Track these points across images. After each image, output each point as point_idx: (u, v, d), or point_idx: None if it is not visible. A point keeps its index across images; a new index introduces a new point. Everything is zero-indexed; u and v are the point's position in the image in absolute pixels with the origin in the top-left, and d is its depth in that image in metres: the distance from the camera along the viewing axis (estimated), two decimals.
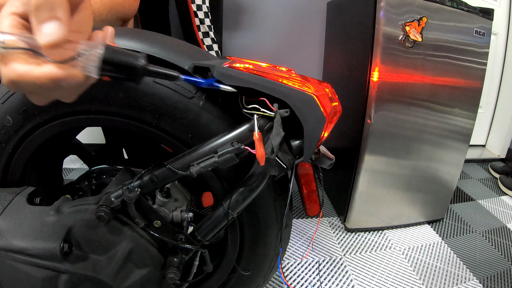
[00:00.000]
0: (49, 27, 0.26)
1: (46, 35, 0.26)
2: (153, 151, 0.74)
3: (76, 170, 1.50)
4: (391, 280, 1.01)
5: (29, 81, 0.27)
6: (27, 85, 0.28)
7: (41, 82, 0.27)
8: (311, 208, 0.56)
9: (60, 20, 0.26)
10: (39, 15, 0.26)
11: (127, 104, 0.47)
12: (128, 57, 0.31)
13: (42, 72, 0.27)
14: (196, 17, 1.09)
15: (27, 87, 0.28)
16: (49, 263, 0.46)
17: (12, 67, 0.27)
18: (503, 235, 1.31)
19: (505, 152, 2.09)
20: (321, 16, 1.60)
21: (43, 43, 0.26)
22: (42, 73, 0.27)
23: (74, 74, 0.29)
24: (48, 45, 0.27)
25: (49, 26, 0.26)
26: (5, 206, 0.48)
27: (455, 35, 1.08)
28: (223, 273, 0.62)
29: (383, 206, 1.24)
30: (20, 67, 0.27)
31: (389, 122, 1.10)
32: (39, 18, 0.26)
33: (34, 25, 0.26)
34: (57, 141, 0.60)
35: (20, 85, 0.28)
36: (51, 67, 0.28)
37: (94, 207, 0.46)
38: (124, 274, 0.48)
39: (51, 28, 0.26)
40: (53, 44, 0.27)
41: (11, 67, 0.27)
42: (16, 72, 0.27)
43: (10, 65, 0.27)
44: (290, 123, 0.42)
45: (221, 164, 0.43)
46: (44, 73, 0.27)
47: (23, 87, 0.28)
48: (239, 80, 0.40)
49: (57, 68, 0.28)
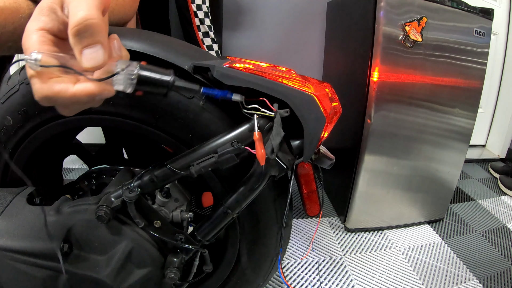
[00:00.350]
0: (92, 52, 0.27)
1: (89, 59, 0.27)
2: (153, 151, 0.74)
3: (76, 170, 1.50)
4: (391, 280, 1.01)
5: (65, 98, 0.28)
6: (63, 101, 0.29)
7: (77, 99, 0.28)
8: (311, 208, 0.56)
9: (102, 44, 0.27)
10: (82, 40, 0.26)
11: (127, 104, 0.47)
12: (160, 74, 0.34)
13: (78, 89, 0.28)
14: (196, 17, 1.09)
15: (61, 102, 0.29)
16: (49, 263, 0.46)
17: (49, 85, 0.28)
18: (503, 235, 1.31)
19: (505, 152, 2.09)
20: (321, 16, 1.60)
21: (87, 67, 0.27)
22: (78, 90, 0.28)
23: (108, 89, 0.30)
24: (92, 69, 0.28)
25: (92, 51, 0.27)
26: (5, 206, 0.48)
27: (455, 35, 1.08)
28: (223, 273, 0.62)
29: (383, 206, 1.24)
30: (57, 85, 0.28)
31: (389, 122, 1.10)
32: (82, 43, 0.27)
33: (76, 48, 0.27)
34: (57, 141, 0.60)
35: (55, 101, 0.29)
36: (87, 85, 0.28)
37: (94, 207, 0.46)
38: (124, 274, 0.48)
39: (94, 52, 0.27)
40: (96, 68, 0.28)
41: (47, 84, 0.28)
42: (53, 90, 0.28)
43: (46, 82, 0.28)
44: (290, 123, 0.42)
45: (221, 164, 0.43)
46: (80, 90, 0.28)
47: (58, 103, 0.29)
48: (239, 80, 0.40)
49: (93, 85, 0.29)
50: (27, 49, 0.28)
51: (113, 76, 0.29)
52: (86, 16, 0.26)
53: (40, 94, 0.28)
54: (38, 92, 0.28)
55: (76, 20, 0.26)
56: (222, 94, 0.38)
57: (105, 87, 0.30)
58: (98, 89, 0.29)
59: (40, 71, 0.27)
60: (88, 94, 0.29)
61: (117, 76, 0.30)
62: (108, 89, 0.30)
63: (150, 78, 0.33)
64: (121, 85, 0.31)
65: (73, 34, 0.26)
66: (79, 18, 0.26)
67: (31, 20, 0.30)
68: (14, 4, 0.39)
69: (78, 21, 0.26)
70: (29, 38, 0.28)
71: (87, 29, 0.26)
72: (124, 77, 0.30)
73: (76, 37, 0.26)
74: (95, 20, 0.26)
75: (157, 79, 0.34)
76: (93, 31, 0.27)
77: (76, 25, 0.26)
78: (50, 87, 0.28)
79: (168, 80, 0.34)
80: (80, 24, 0.26)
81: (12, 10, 0.38)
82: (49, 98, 0.28)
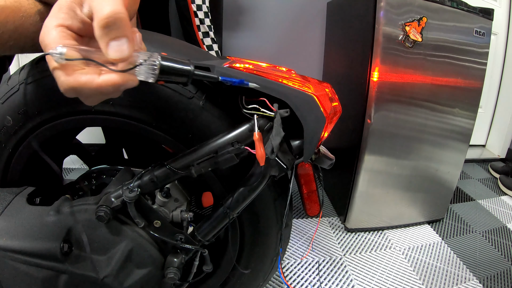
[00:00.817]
0: (118, 44, 0.29)
1: (116, 51, 0.29)
2: (153, 151, 0.74)
3: (76, 170, 1.50)
4: (391, 280, 1.01)
5: (91, 88, 0.30)
6: (88, 92, 0.30)
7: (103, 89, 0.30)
8: (311, 208, 0.56)
9: (128, 38, 0.29)
10: (109, 32, 0.28)
11: (127, 104, 0.47)
12: (181, 64, 0.35)
13: (104, 80, 0.30)
14: (196, 17, 1.09)
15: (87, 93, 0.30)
16: (49, 263, 0.46)
17: (75, 76, 0.29)
18: (503, 235, 1.31)
19: (505, 152, 2.09)
20: (321, 16, 1.60)
21: (113, 58, 0.29)
22: (104, 81, 0.30)
23: (133, 80, 0.31)
24: (118, 60, 0.29)
25: (118, 43, 0.28)
26: (5, 206, 0.48)
27: (455, 35, 1.08)
28: (223, 273, 0.62)
29: (383, 206, 1.24)
30: (83, 77, 0.29)
31: (389, 122, 1.10)
32: (109, 35, 0.28)
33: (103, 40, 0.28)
34: (57, 141, 0.60)
35: (81, 92, 0.30)
36: (112, 75, 0.30)
37: (94, 207, 0.46)
38: (124, 274, 0.48)
39: (121, 45, 0.29)
40: (122, 59, 0.29)
41: (73, 76, 0.29)
42: (79, 81, 0.29)
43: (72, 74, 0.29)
44: (290, 123, 0.42)
45: (221, 164, 0.43)
46: (106, 81, 0.30)
47: (83, 93, 0.30)
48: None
49: (118, 76, 0.30)
50: (47, 45, 0.29)
51: (136, 67, 0.31)
52: (115, 10, 0.27)
53: (66, 85, 0.29)
54: (64, 84, 0.29)
55: (106, 13, 0.27)
56: (239, 82, 0.39)
57: (129, 77, 0.31)
58: (123, 79, 0.30)
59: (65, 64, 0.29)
60: (114, 85, 0.30)
61: (140, 67, 0.31)
62: (132, 79, 0.31)
63: (172, 68, 0.34)
64: (144, 75, 0.32)
65: (101, 27, 0.28)
66: (108, 11, 0.27)
67: (50, 17, 0.31)
68: (15, 3, 0.39)
69: (108, 14, 0.27)
70: (48, 34, 0.30)
71: (116, 22, 0.28)
72: (146, 67, 0.32)
73: (104, 29, 0.28)
74: (123, 15, 0.28)
75: (178, 69, 0.34)
76: (121, 24, 0.28)
77: (106, 17, 0.27)
78: (76, 78, 0.29)
79: (189, 69, 0.35)
80: (109, 17, 0.27)
81: (13, 9, 0.39)
82: (75, 89, 0.29)
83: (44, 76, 0.46)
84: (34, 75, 0.47)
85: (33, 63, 0.48)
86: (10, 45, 0.40)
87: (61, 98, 0.47)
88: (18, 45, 0.41)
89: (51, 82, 0.46)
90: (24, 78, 0.47)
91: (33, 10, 0.41)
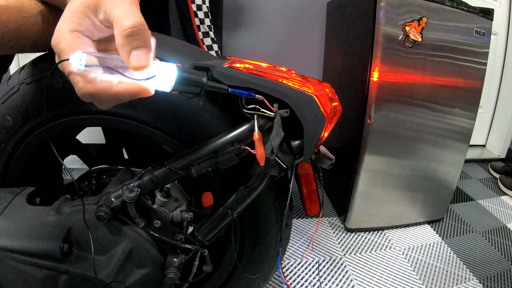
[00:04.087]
0: (140, 54, 0.29)
1: (138, 60, 0.30)
2: (153, 151, 0.74)
3: (76, 170, 1.50)
4: (391, 280, 1.01)
5: (109, 95, 0.30)
6: (106, 98, 0.31)
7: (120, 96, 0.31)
8: (311, 208, 0.56)
9: (148, 48, 0.30)
10: (132, 42, 0.29)
11: (127, 104, 0.47)
12: (195, 76, 0.36)
13: (122, 88, 0.30)
14: (196, 17, 1.09)
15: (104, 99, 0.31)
16: (49, 263, 0.46)
17: (93, 83, 0.30)
18: (503, 235, 1.31)
19: (505, 152, 2.09)
20: (321, 16, 1.60)
21: (134, 66, 0.30)
22: (122, 89, 0.30)
23: (149, 89, 0.32)
24: (138, 69, 0.30)
25: (140, 53, 0.29)
26: (5, 206, 0.48)
27: (455, 35, 1.07)
28: (223, 273, 0.62)
29: (383, 206, 1.24)
30: (100, 84, 0.30)
31: (389, 122, 1.10)
32: (132, 45, 0.29)
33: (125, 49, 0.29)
34: (57, 141, 0.60)
35: (99, 98, 0.31)
36: (131, 84, 0.31)
37: (94, 207, 0.46)
38: (124, 274, 0.48)
39: (142, 55, 0.30)
40: (142, 68, 0.30)
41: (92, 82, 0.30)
42: (97, 88, 0.30)
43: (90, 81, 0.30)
44: (290, 123, 0.42)
45: (221, 164, 0.43)
46: (124, 89, 0.30)
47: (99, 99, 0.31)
48: (239, 80, 0.40)
49: (135, 85, 0.31)
50: (63, 50, 0.30)
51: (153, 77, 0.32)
52: (139, 22, 0.29)
53: (85, 91, 0.30)
54: (82, 89, 0.30)
55: (130, 24, 0.28)
56: (247, 94, 0.40)
57: (146, 86, 0.32)
58: (140, 88, 0.31)
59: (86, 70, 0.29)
60: (131, 93, 0.31)
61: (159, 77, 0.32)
62: (149, 89, 0.32)
63: (187, 79, 0.35)
64: (160, 85, 0.33)
65: (125, 35, 0.29)
66: (132, 22, 0.29)
67: (63, 22, 0.31)
68: (17, 3, 0.39)
69: (131, 25, 0.28)
70: (64, 39, 0.30)
71: (140, 33, 0.29)
72: (163, 77, 0.33)
73: (128, 38, 0.29)
74: (145, 27, 0.30)
75: (192, 80, 0.36)
76: (143, 36, 0.29)
77: (129, 28, 0.28)
78: (95, 85, 0.30)
79: (203, 81, 0.37)
80: (133, 27, 0.29)
81: (15, 9, 0.39)
82: (93, 95, 0.30)
83: (44, 76, 0.46)
84: (34, 75, 0.47)
85: (33, 63, 0.48)
86: (11, 45, 0.40)
87: (61, 98, 0.47)
88: (19, 45, 0.41)
89: (51, 82, 0.46)
90: (24, 78, 0.47)
91: (35, 10, 0.41)
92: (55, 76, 0.46)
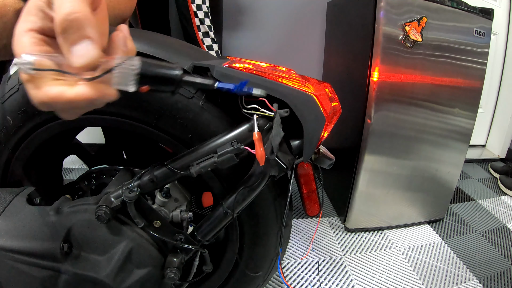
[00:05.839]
0: (81, 48, 0.25)
1: (79, 56, 0.25)
2: (153, 151, 0.74)
3: (76, 170, 1.50)
4: (391, 280, 1.01)
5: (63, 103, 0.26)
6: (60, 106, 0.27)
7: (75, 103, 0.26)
8: (311, 208, 0.56)
9: (91, 39, 0.25)
10: (68, 36, 0.24)
11: (126, 104, 0.47)
12: (164, 69, 0.31)
13: (76, 93, 0.26)
14: (196, 17, 1.09)
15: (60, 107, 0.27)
16: (49, 263, 0.46)
17: (44, 90, 0.26)
18: (503, 235, 1.31)
19: (505, 152, 2.09)
20: (321, 16, 1.60)
21: (77, 65, 0.25)
22: (76, 95, 0.26)
23: (109, 93, 0.27)
24: (82, 67, 0.25)
25: (80, 47, 0.25)
26: (5, 206, 0.48)
27: (455, 35, 1.07)
28: (223, 273, 0.62)
29: (383, 206, 1.24)
30: (52, 89, 0.26)
31: (389, 122, 1.10)
32: (69, 40, 0.25)
33: (64, 46, 0.25)
34: (57, 141, 0.60)
35: (53, 106, 0.27)
36: (85, 88, 0.26)
37: (94, 207, 0.46)
38: (124, 274, 0.48)
39: (83, 49, 0.25)
40: (88, 65, 0.25)
41: (43, 89, 0.26)
42: (49, 95, 0.26)
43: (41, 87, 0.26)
44: (290, 123, 0.42)
45: (221, 164, 0.43)
46: (78, 95, 0.26)
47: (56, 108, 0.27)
48: (239, 80, 0.40)
49: (91, 89, 0.26)
50: (18, 53, 0.26)
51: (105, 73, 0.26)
52: (70, 11, 0.24)
53: (36, 99, 0.26)
54: (34, 97, 0.26)
55: (61, 16, 0.24)
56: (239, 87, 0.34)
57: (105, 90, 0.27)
58: (96, 92, 0.26)
59: (35, 75, 0.25)
60: (87, 98, 0.26)
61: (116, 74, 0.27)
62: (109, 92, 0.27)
63: (155, 73, 0.30)
64: (121, 84, 0.28)
65: (60, 32, 0.24)
66: (63, 14, 0.24)
67: (19, 22, 0.27)
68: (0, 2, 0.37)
69: (62, 17, 0.24)
70: (18, 40, 0.26)
71: (73, 25, 0.24)
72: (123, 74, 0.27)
73: (63, 34, 0.24)
74: (79, 14, 0.24)
75: (162, 75, 0.30)
76: (79, 25, 0.24)
77: (61, 22, 0.24)
78: (46, 92, 0.26)
79: (175, 75, 0.31)
80: (65, 20, 0.24)
81: None
82: (45, 103, 0.26)
83: None
84: None
85: None
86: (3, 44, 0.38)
87: None
88: None
89: None
90: None
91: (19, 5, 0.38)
92: None
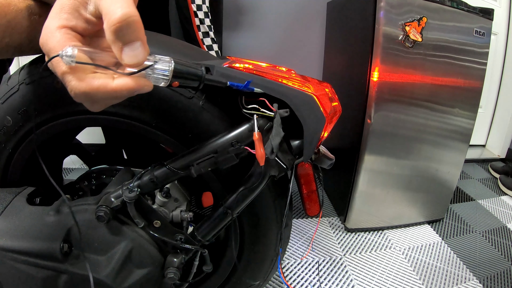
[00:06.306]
0: (133, 49, 0.27)
1: (131, 56, 0.27)
2: (153, 151, 0.74)
3: (76, 170, 1.50)
4: (391, 280, 1.01)
5: (105, 93, 0.28)
6: (101, 97, 0.28)
7: (117, 93, 0.28)
8: (311, 208, 0.56)
9: (142, 41, 0.27)
10: (122, 37, 0.26)
11: (127, 104, 0.47)
12: (193, 69, 0.35)
13: (118, 85, 0.28)
14: (196, 17, 1.09)
15: (99, 98, 0.29)
16: (49, 263, 0.46)
17: (87, 81, 0.28)
18: (503, 235, 1.31)
19: (505, 152, 2.09)
20: (321, 16, 1.60)
21: (128, 64, 0.27)
22: (119, 86, 0.28)
23: (147, 85, 0.30)
24: (133, 66, 0.28)
25: (133, 48, 0.27)
26: (5, 206, 0.48)
27: (455, 35, 1.07)
28: (223, 273, 0.62)
29: (383, 206, 1.24)
30: (95, 81, 0.28)
31: (389, 122, 1.10)
32: (122, 40, 0.26)
33: (116, 45, 0.27)
34: (57, 141, 0.60)
35: (94, 97, 0.29)
36: (127, 80, 0.28)
37: (94, 207, 0.46)
38: (124, 274, 0.48)
39: (135, 50, 0.27)
40: (137, 64, 0.28)
41: (86, 81, 0.28)
42: (92, 86, 0.28)
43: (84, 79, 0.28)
44: (290, 123, 0.42)
45: (221, 164, 0.43)
46: (121, 86, 0.28)
47: (95, 98, 0.29)
48: (239, 80, 0.40)
49: (133, 81, 0.29)
50: (52, 48, 0.28)
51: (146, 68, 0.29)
52: (127, 13, 0.25)
53: (78, 90, 0.28)
54: (75, 88, 0.28)
55: (117, 17, 0.25)
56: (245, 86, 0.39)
57: (145, 82, 0.30)
58: (138, 84, 0.29)
59: (75, 67, 0.27)
60: (129, 89, 0.29)
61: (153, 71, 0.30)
62: (147, 84, 0.30)
63: (185, 71, 0.34)
64: (156, 79, 0.31)
65: (114, 31, 0.26)
66: (120, 15, 0.25)
67: (51, 18, 0.29)
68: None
69: (119, 18, 0.25)
70: (52, 36, 0.28)
71: (129, 27, 0.26)
72: (159, 71, 0.31)
73: (117, 34, 0.26)
74: (136, 18, 0.26)
75: (190, 72, 0.34)
76: (135, 28, 0.26)
77: (117, 22, 0.25)
78: (89, 83, 0.27)
79: (201, 74, 0.35)
80: (121, 21, 0.25)
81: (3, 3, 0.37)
82: (87, 94, 0.28)
83: (43, 76, 0.46)
84: (34, 75, 0.47)
85: (33, 63, 0.48)
86: (6, 42, 0.39)
87: (60, 98, 0.47)
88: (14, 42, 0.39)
89: (50, 82, 0.46)
90: (24, 78, 0.47)
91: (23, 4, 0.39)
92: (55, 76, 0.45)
